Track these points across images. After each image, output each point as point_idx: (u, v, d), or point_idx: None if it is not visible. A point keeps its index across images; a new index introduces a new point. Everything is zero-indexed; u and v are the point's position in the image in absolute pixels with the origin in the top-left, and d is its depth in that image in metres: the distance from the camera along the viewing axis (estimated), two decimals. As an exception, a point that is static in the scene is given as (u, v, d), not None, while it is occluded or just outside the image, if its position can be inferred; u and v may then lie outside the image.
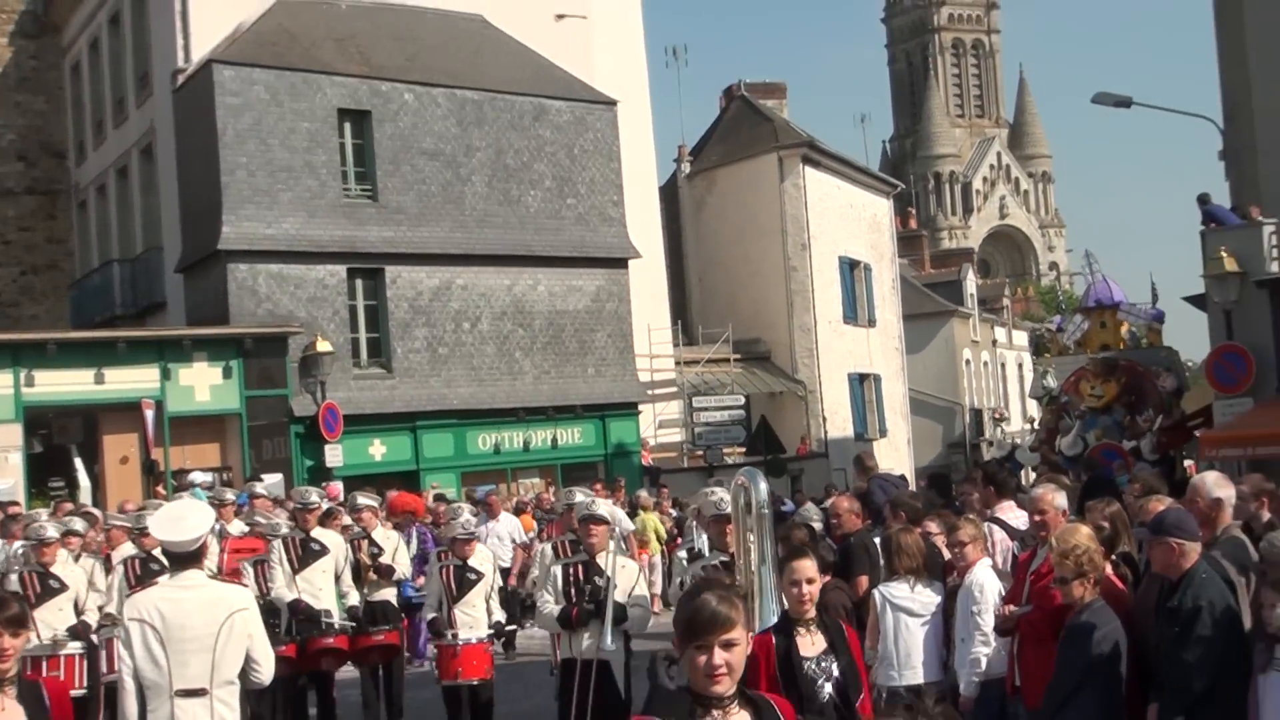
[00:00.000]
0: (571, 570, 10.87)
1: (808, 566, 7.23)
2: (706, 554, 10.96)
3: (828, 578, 9.42)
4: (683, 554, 11.75)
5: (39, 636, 12.19)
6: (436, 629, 12.66)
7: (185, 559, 7.46)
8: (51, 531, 13.56)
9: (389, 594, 14.67)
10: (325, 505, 14.98)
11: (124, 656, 7.27)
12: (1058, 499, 9.63)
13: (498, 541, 19.31)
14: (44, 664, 12.63)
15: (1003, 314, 67.20)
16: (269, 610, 13.28)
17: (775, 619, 7.45)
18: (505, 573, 16.68)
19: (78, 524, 14.88)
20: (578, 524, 11.22)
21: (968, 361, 58.01)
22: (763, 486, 8.41)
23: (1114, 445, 22.42)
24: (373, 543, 14.58)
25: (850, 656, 7.12)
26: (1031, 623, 8.90)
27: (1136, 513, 9.94)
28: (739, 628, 4.36)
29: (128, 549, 14.52)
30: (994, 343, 63.37)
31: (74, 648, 13.27)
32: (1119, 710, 8.18)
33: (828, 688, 6.93)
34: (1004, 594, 9.43)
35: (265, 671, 7.52)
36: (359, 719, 14.75)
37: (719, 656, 4.29)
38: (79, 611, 13.20)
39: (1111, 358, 23.65)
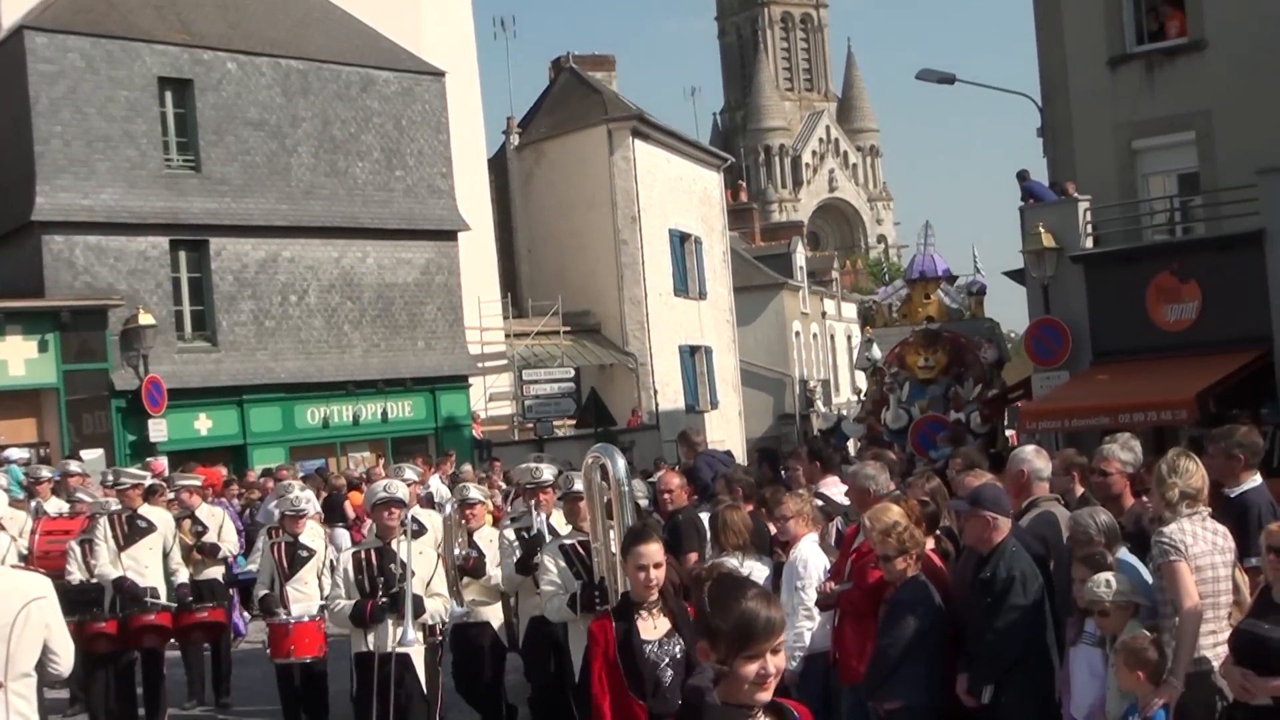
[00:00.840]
0: (363, 558, 10.27)
1: (654, 550, 7.05)
2: (547, 535, 11.12)
3: None
4: (509, 532, 11.69)
5: None
6: (268, 606, 12.51)
7: None
8: None
9: (216, 572, 14.53)
10: (149, 481, 14.70)
11: None
12: (874, 474, 9.79)
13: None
14: None
15: (832, 286, 68.08)
16: (94, 588, 13.08)
17: None
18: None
19: None
20: (371, 510, 10.54)
21: (797, 334, 58.68)
22: (620, 463, 8.39)
23: (939, 417, 22.89)
24: (196, 521, 14.38)
25: (690, 639, 6.94)
26: (851, 600, 9.05)
27: (957, 488, 10.16)
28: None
29: None
30: (823, 315, 64.19)
31: None
32: (938, 682, 8.35)
33: (670, 671, 6.88)
34: (829, 568, 9.57)
35: (64, 663, 7.10)
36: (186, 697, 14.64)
37: (771, 664, 4.22)
38: None
39: (934, 329, 24.10)
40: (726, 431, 44.33)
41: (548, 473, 11.92)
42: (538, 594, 10.58)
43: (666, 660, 6.91)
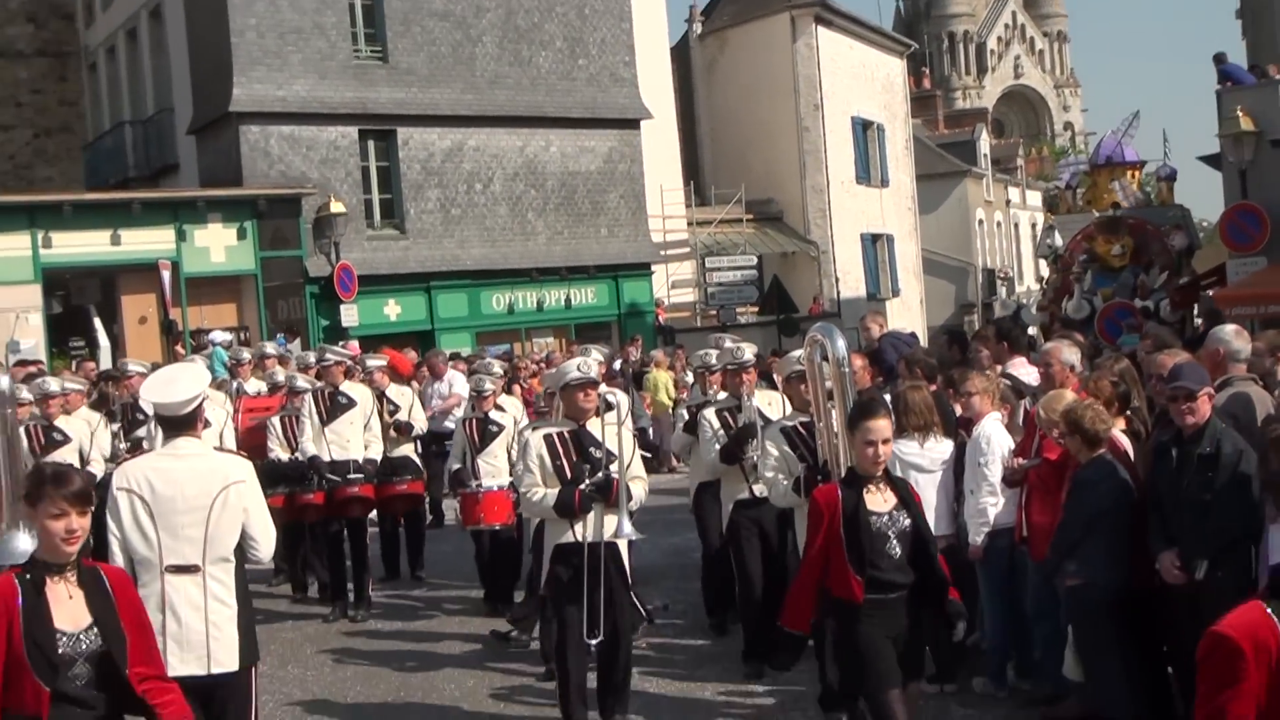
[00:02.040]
0: (556, 440, 9.16)
1: (884, 426, 6.88)
2: (759, 419, 10.58)
3: None
4: (711, 415, 10.97)
5: None
6: (460, 479, 13.02)
7: (177, 424, 6.80)
8: (54, 386, 13.92)
9: (407, 449, 14.91)
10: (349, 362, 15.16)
11: (112, 528, 6.62)
12: (1067, 354, 9.68)
13: (440, 403, 18.51)
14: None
15: (1016, 174, 66.76)
16: (302, 463, 13.56)
17: None
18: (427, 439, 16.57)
19: (74, 384, 14.84)
20: (562, 391, 9.37)
21: (981, 221, 57.74)
22: (840, 343, 8.23)
23: (1127, 304, 22.39)
24: (388, 400, 14.76)
25: (919, 511, 6.98)
26: (1040, 475, 9.00)
27: (1148, 368, 9.98)
28: None
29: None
30: (1007, 203, 63.05)
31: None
32: (1123, 560, 8.27)
33: (898, 545, 6.78)
34: (1014, 447, 9.51)
35: (264, 548, 6.94)
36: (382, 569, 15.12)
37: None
38: (84, 463, 13.37)
39: (1117, 216, 23.52)
40: (908, 319, 43.93)
41: (749, 352, 11.16)
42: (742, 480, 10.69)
43: (894, 533, 6.78)
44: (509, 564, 13.27)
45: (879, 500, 6.83)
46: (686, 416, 11.90)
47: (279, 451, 13.99)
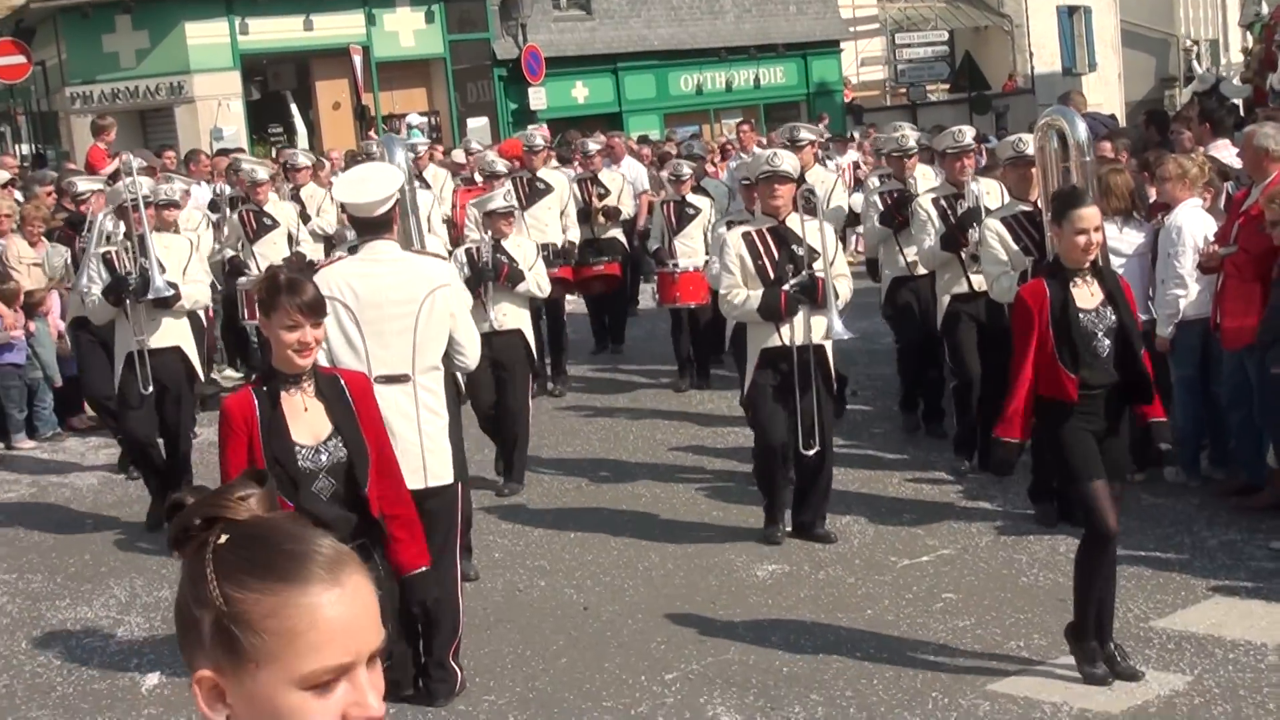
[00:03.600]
0: (755, 238, 8.70)
1: (1094, 214, 6.50)
2: (983, 206, 9.90)
3: None
4: (928, 204, 10.29)
5: (258, 268, 13.07)
6: (660, 258, 13.66)
7: (373, 225, 6.46)
8: (262, 173, 14.41)
9: (615, 232, 15.37)
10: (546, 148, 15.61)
11: None
12: (1267, 135, 9.29)
13: (631, 188, 18.03)
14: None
15: (1224, -62, 63.63)
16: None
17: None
18: (629, 224, 16.51)
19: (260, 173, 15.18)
20: (757, 186, 8.95)
21: (1184, -9, 55.32)
22: (1081, 127, 7.86)
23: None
24: (599, 183, 15.03)
25: (1127, 306, 6.58)
26: (1236, 263, 8.75)
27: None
28: None
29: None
30: (1214, -30, 60.23)
31: None
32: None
33: (1106, 341, 6.45)
34: (1214, 234, 9.25)
35: (470, 354, 6.70)
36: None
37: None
38: (293, 244, 13.95)
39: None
40: (1105, 95, 42.53)
41: (969, 135, 10.58)
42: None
43: (1102, 330, 6.44)
44: (707, 340, 13.67)
45: (1086, 295, 6.48)
46: (932, 217, 10.32)
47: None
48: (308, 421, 5.18)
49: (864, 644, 7.26)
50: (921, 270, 10.88)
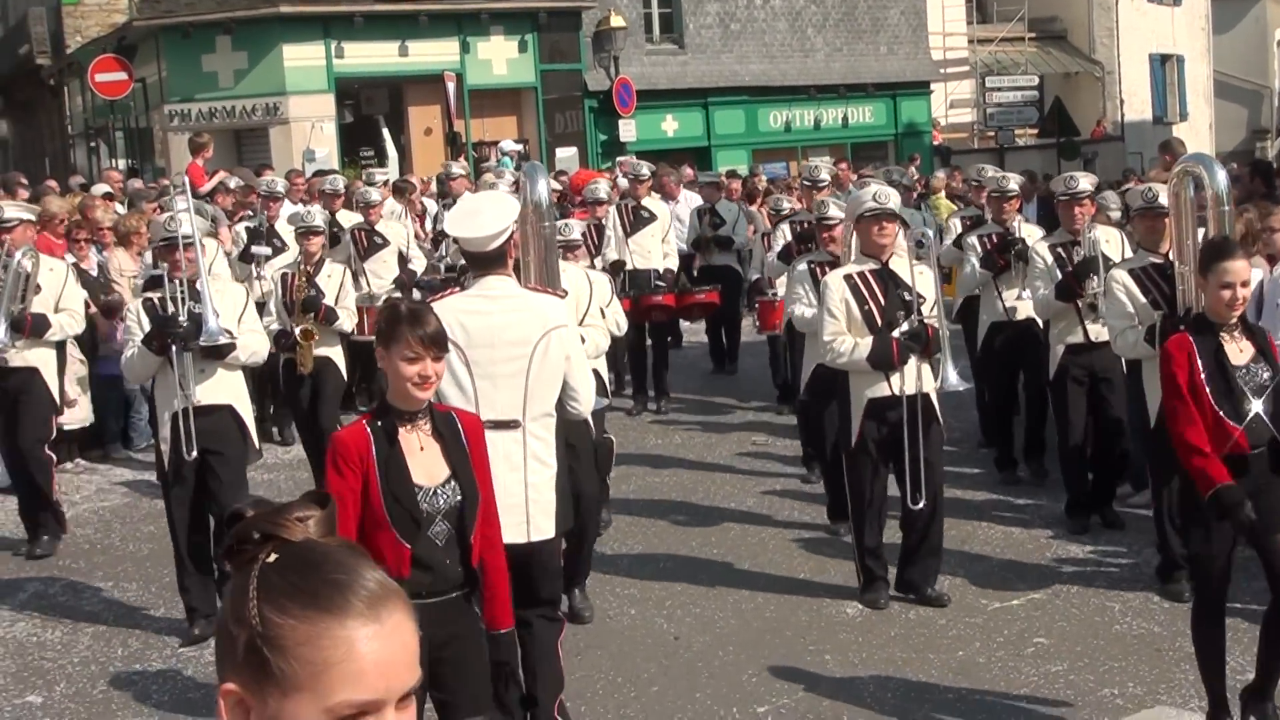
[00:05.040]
0: (857, 280, 8.25)
1: (1243, 267, 6.17)
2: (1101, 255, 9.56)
3: None
4: (1044, 249, 9.91)
5: (368, 285, 13.58)
6: (759, 288, 14.18)
7: (485, 261, 6.02)
8: (375, 195, 14.85)
9: (728, 259, 16.05)
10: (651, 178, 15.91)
11: None
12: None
13: (678, 224, 17.71)
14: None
15: (1320, -8, 63.04)
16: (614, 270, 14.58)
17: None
18: (687, 256, 16.76)
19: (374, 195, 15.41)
20: (858, 225, 8.38)
21: (1279, 42, 54.85)
22: (1221, 175, 7.60)
23: None
24: (716, 214, 15.96)
25: (1277, 362, 6.21)
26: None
27: None
28: None
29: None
30: (1308, 23, 59.70)
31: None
32: None
33: (1257, 403, 6.08)
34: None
35: (584, 401, 6.27)
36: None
37: None
38: (404, 262, 14.40)
39: None
40: (1195, 144, 41.88)
41: (1085, 181, 10.02)
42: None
43: (1253, 385, 6.08)
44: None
45: (1236, 351, 6.14)
46: (1051, 265, 9.91)
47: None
48: (424, 462, 4.87)
49: (955, 685, 7.26)
50: (1020, 316, 10.78)
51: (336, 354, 11.05)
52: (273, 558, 1.82)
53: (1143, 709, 6.86)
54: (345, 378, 11.41)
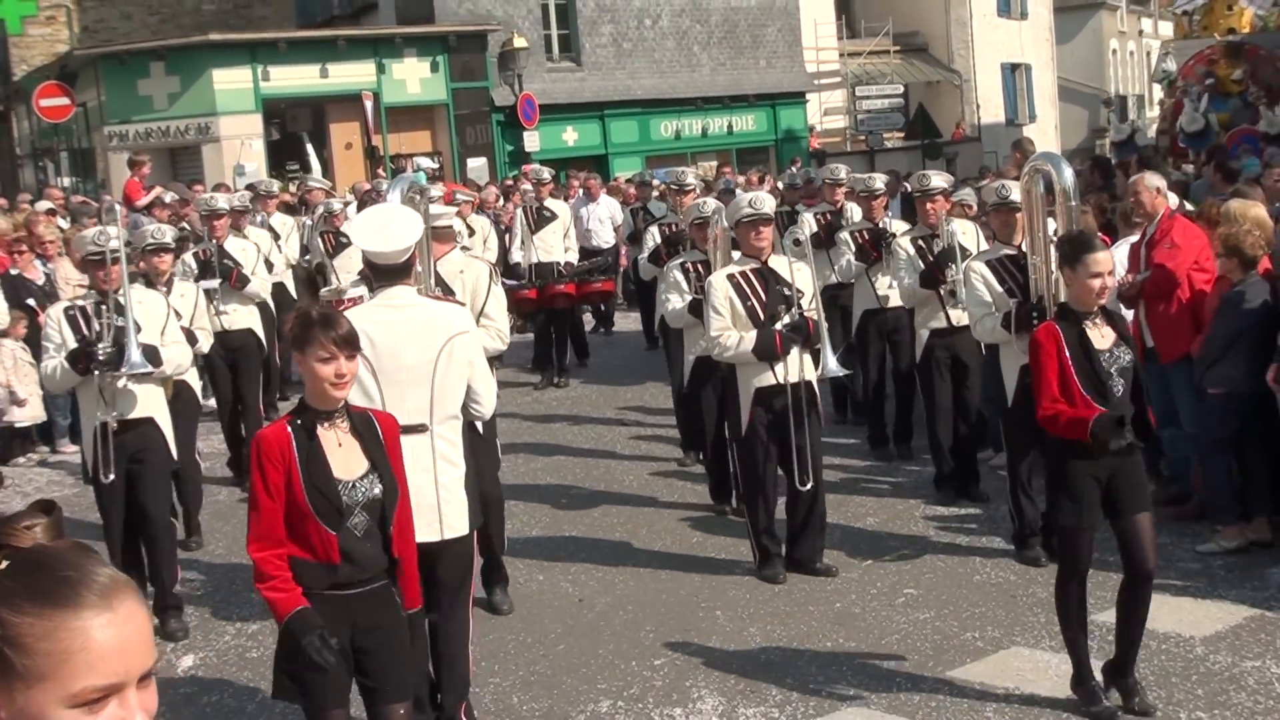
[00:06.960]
0: (739, 279, 8.19)
1: (1108, 259, 6.07)
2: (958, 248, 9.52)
3: None
4: (907, 244, 9.95)
5: (338, 280, 13.00)
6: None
7: (391, 273, 5.80)
8: (336, 204, 15.01)
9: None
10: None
11: None
12: (1151, 181, 9.23)
13: (598, 224, 18.24)
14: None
15: (1149, 5, 64.01)
16: (515, 266, 15.25)
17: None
18: (607, 253, 17.63)
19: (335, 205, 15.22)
20: (738, 229, 8.33)
21: (1114, 51, 55.68)
22: (1067, 173, 7.48)
23: (1252, 130, 21.35)
24: (648, 211, 16.46)
25: (1135, 346, 6.21)
26: (1155, 282, 8.75)
27: (1273, 198, 9.71)
28: None
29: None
30: (1140, 33, 60.61)
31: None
32: (1257, 374, 8.08)
33: (1120, 383, 5.97)
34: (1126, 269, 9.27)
35: (486, 404, 6.07)
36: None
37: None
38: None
39: (1237, 42, 22.19)
40: (1043, 143, 42.58)
41: (939, 179, 10.22)
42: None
43: (1116, 369, 5.97)
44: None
45: (1099, 336, 6.01)
46: (914, 258, 9.91)
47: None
48: (343, 457, 4.72)
49: (833, 634, 7.31)
50: (892, 303, 10.78)
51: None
52: (4, 565, 1.78)
53: (1000, 650, 6.94)
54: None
